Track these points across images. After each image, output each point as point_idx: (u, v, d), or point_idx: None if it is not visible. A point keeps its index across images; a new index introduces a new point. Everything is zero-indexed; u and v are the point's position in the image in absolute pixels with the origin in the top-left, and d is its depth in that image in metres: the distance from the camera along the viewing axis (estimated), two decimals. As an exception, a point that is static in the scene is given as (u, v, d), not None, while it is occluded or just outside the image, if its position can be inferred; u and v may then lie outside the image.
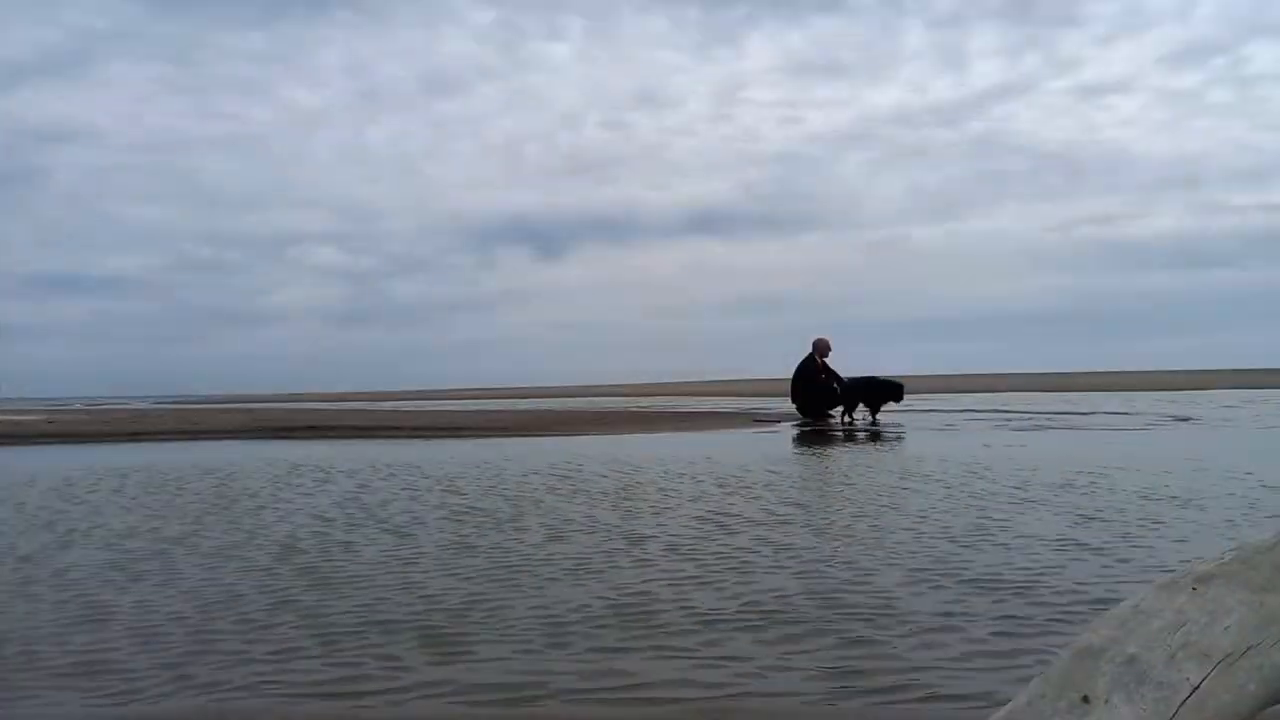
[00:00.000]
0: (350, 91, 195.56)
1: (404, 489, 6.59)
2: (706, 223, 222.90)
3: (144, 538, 4.80)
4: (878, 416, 14.59)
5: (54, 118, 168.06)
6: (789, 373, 15.39)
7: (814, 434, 12.29)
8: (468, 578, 3.69)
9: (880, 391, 14.75)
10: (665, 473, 7.30)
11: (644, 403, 27.22)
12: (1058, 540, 4.16)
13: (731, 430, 13.48)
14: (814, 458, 8.93)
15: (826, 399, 14.88)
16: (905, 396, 14.92)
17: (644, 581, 3.55)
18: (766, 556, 3.96)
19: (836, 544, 4.20)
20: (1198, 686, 1.38)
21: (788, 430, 13.13)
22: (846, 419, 14.53)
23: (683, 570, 3.73)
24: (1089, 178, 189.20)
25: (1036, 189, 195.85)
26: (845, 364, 15.10)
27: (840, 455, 8.98)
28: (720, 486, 6.35)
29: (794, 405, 15.40)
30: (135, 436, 14.48)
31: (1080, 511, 4.90)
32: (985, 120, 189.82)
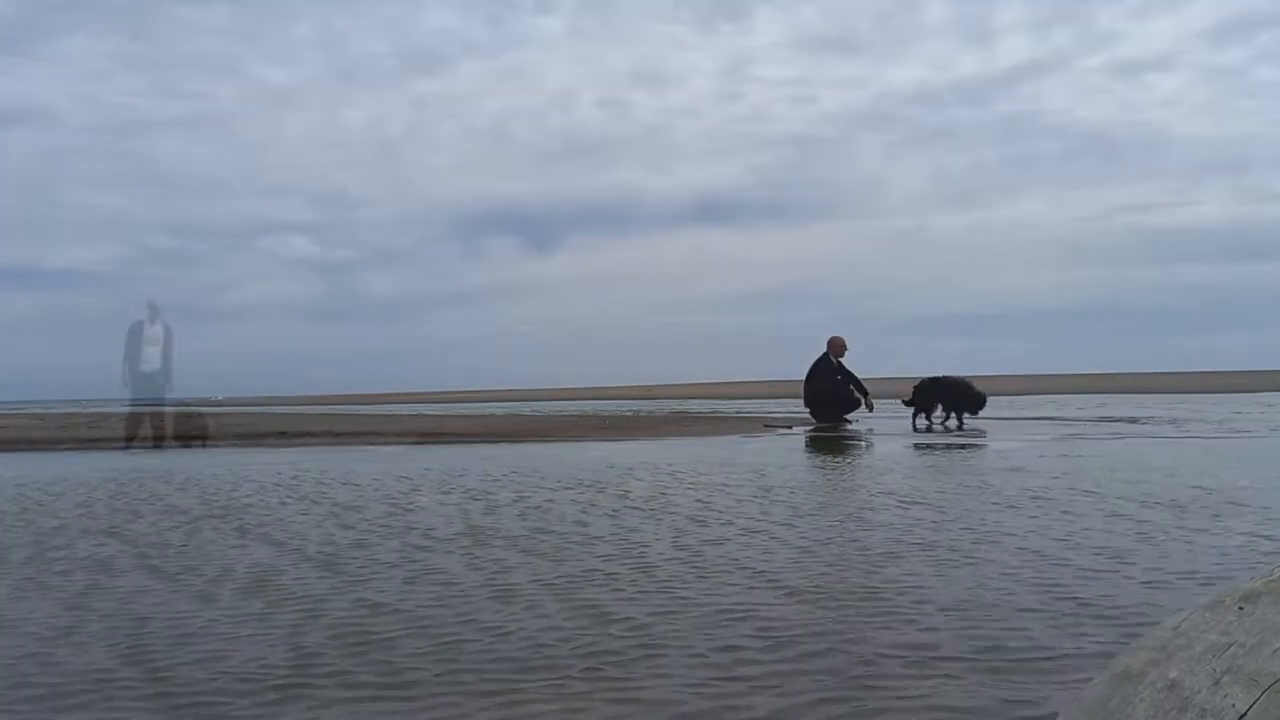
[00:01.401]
0: (324, 69, 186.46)
1: (415, 504, 5.66)
2: (712, 211, 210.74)
3: (127, 566, 3.85)
4: (948, 423, 13.57)
5: (1, 96, 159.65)
6: (800, 373, 14.62)
7: (837, 441, 11.46)
8: (545, 618, 2.79)
9: (963, 396, 13.65)
10: (711, 485, 6.44)
11: (643, 405, 26.40)
12: (1221, 577, 3.36)
13: (745, 436, 12.63)
14: (856, 470, 8.14)
15: (842, 402, 14.08)
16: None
17: (774, 625, 2.68)
18: (900, 597, 3.12)
19: (972, 586, 3.35)
20: (1244, 714, 1.25)
21: (807, 437, 12.29)
22: (922, 423, 13.61)
23: (798, 613, 2.87)
24: (1126, 162, 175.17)
25: (1069, 174, 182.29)
26: (859, 364, 14.36)
27: (883, 468, 8.18)
28: (777, 502, 5.50)
29: (807, 409, 14.60)
30: (93, 443, 13.39)
31: (1233, 542, 4.09)
32: (1014, 100, 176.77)
